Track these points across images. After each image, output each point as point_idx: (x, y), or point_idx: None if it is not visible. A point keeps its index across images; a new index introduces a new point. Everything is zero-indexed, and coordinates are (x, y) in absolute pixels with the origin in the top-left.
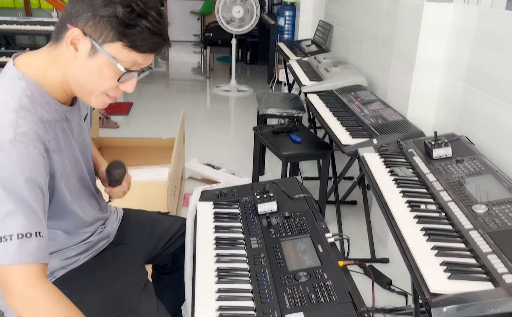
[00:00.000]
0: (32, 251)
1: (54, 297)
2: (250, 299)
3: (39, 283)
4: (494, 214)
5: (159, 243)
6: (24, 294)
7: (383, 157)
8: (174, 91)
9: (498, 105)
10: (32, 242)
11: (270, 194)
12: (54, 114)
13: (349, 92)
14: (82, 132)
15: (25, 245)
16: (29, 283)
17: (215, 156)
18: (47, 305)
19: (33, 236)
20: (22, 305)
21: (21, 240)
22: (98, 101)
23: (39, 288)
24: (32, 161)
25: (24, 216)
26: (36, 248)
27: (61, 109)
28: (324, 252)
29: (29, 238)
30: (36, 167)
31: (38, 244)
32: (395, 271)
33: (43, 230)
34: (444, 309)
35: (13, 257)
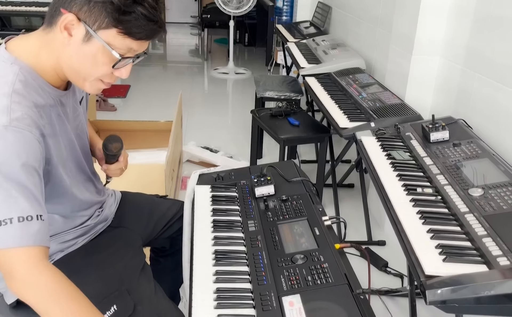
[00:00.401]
0: (33, 234)
1: (57, 279)
2: (248, 281)
3: (42, 266)
4: (490, 197)
5: (157, 226)
6: (26, 277)
7: (380, 141)
8: (171, 73)
9: (496, 88)
10: (33, 225)
11: (268, 178)
12: (48, 98)
13: (347, 75)
14: (77, 116)
15: (26, 228)
16: (32, 266)
17: (213, 139)
18: (50, 288)
19: (34, 219)
20: (25, 288)
21: (22, 223)
22: (92, 87)
23: (42, 271)
24: (28, 146)
25: (24, 199)
26: (37, 231)
27: (55, 94)
28: (321, 235)
29: (30, 221)
30: (32, 152)
31: (39, 227)
32: (391, 253)
33: (44, 214)
34: (438, 291)
35: (14, 240)
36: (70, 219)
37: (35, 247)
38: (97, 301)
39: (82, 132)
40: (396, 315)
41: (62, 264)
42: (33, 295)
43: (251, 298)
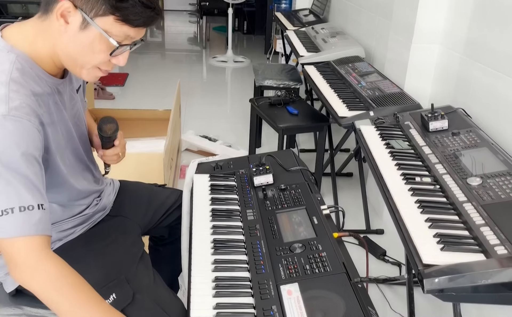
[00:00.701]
0: (35, 223)
1: (60, 267)
2: (246, 270)
3: (45, 255)
4: (488, 186)
5: (156, 214)
6: (31, 266)
7: (379, 130)
8: (170, 61)
9: (496, 77)
10: (35, 215)
11: (266, 167)
12: (46, 87)
13: (346, 63)
14: (75, 104)
15: (28, 218)
16: (35, 255)
17: (212, 128)
18: (55, 276)
19: (36, 209)
20: (29, 277)
21: (23, 213)
22: (89, 75)
23: (45, 260)
24: (27, 135)
25: (24, 189)
26: (39, 220)
27: (53, 82)
28: (319, 224)
29: (31, 211)
30: (31, 141)
31: (40, 216)
32: (389, 242)
33: (45, 203)
34: (436, 279)
35: (16, 230)
36: (68, 208)
37: (38, 236)
38: (96, 290)
39: (80, 120)
40: (393, 303)
41: (60, 253)
42: (38, 283)
43: (250, 287)
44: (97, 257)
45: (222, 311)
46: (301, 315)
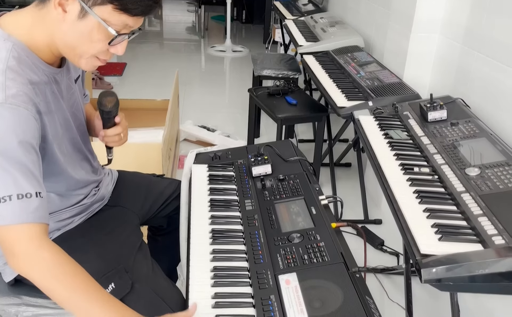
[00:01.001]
0: (32, 211)
1: (59, 256)
2: (244, 260)
3: (43, 243)
4: (486, 177)
5: (154, 204)
6: (29, 254)
7: (378, 120)
8: (168, 51)
9: (495, 67)
10: (33, 203)
11: (265, 157)
12: (43, 75)
13: (345, 53)
14: (72, 94)
15: (26, 205)
16: (34, 243)
17: (210, 118)
18: (53, 264)
19: (33, 197)
20: (27, 265)
21: (21, 201)
22: (88, 64)
23: (44, 248)
24: (24, 123)
25: (22, 177)
26: (37, 208)
27: (49, 71)
28: (318, 214)
29: (29, 199)
30: (29, 129)
31: (38, 204)
32: (387, 232)
33: (43, 191)
34: (433, 269)
35: (14, 218)
36: (66, 197)
37: (36, 224)
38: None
39: (78, 111)
40: (391, 292)
41: (59, 242)
42: (36, 271)
43: (248, 277)
44: (95, 247)
45: (221, 301)
46: (299, 304)
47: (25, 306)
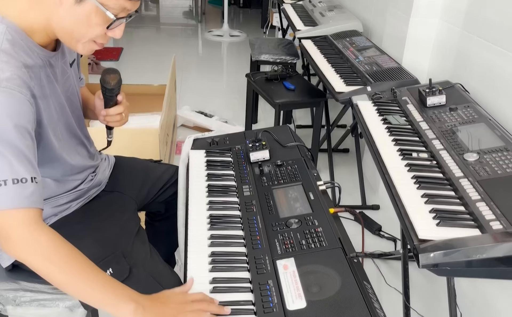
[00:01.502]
0: (28, 196)
1: (56, 239)
2: (242, 245)
3: (40, 227)
4: (485, 162)
5: (152, 190)
6: (25, 239)
7: (376, 105)
8: (165, 36)
9: (495, 52)
10: (28, 187)
11: (263, 142)
12: (37, 59)
13: (344, 37)
14: (68, 78)
15: (21, 190)
16: (30, 228)
17: (207, 104)
18: (50, 248)
19: (29, 182)
20: (24, 250)
21: (16, 185)
22: (85, 48)
23: (40, 232)
24: (19, 107)
25: (17, 162)
26: (32, 193)
27: (44, 54)
28: (315, 199)
29: (24, 183)
30: (24, 113)
31: (33, 189)
32: (385, 217)
33: (38, 176)
34: (431, 254)
35: (10, 202)
36: (62, 183)
37: (31, 209)
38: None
39: (73, 95)
40: (388, 278)
41: (56, 228)
42: (34, 256)
43: (246, 262)
44: (93, 232)
45: (219, 286)
46: (297, 289)
47: (23, 291)
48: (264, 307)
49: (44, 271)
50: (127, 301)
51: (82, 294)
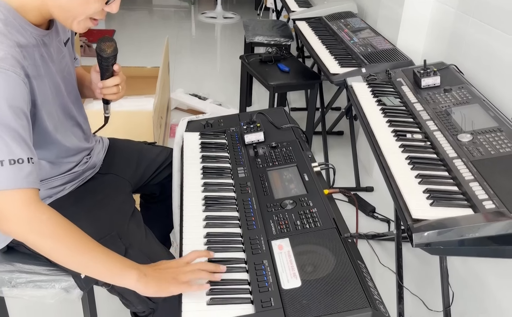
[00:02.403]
0: (25, 176)
1: (56, 217)
2: (237, 226)
3: (40, 206)
4: (478, 142)
5: (146, 172)
6: (26, 218)
7: (371, 87)
8: (157, 18)
9: (489, 32)
10: (25, 168)
11: (257, 124)
12: (31, 38)
13: (338, 19)
14: (63, 57)
15: (18, 171)
16: (30, 207)
17: (202, 87)
18: (51, 225)
19: (25, 162)
20: (26, 229)
21: (13, 166)
22: (80, 26)
23: (41, 211)
24: (13, 87)
25: (13, 142)
26: (29, 173)
27: (38, 33)
28: (310, 180)
29: (21, 164)
30: (18, 94)
31: (30, 169)
32: (379, 199)
33: (34, 156)
34: (425, 233)
35: (8, 183)
36: (57, 165)
37: (30, 189)
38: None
39: (69, 75)
40: (382, 257)
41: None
42: (36, 235)
43: (241, 242)
44: (88, 213)
45: None
46: (292, 269)
47: (19, 272)
48: (259, 287)
49: (48, 249)
50: (129, 270)
51: (86, 268)
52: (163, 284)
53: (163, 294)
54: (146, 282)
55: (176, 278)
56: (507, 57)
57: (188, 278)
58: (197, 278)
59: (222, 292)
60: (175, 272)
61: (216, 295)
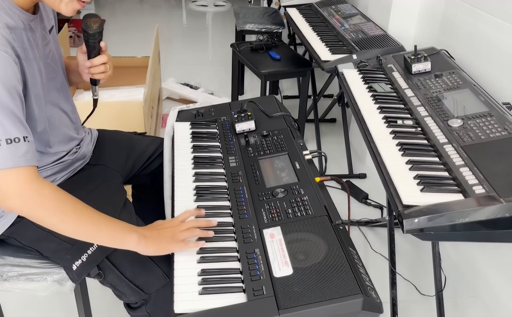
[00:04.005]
0: (23, 154)
1: (58, 191)
2: (229, 215)
3: (41, 182)
4: (469, 127)
5: (137, 162)
6: (30, 194)
7: (362, 73)
8: (148, 6)
9: (480, 17)
10: (22, 147)
11: (248, 113)
12: (18, 21)
13: (329, 5)
14: (47, 44)
15: (15, 150)
16: (32, 184)
17: (193, 76)
18: (56, 199)
19: (22, 141)
20: (29, 204)
21: (10, 145)
22: (68, 8)
23: (43, 186)
24: (6, 67)
25: (9, 122)
26: (26, 151)
27: (25, 17)
28: (301, 168)
29: (17, 143)
30: (11, 73)
31: (27, 148)
32: (372, 185)
33: (29, 135)
34: (415, 219)
35: (7, 162)
36: (45, 155)
37: (29, 167)
38: None
39: (54, 62)
40: (375, 244)
41: None
42: (41, 208)
43: (233, 231)
44: None
45: (206, 255)
46: (284, 257)
47: (10, 266)
48: (251, 275)
49: (54, 221)
50: (130, 233)
51: (90, 236)
52: (161, 243)
53: (162, 252)
54: (146, 243)
55: (173, 237)
56: (498, 42)
57: (185, 236)
58: (192, 236)
59: (214, 282)
60: (172, 231)
61: (208, 284)
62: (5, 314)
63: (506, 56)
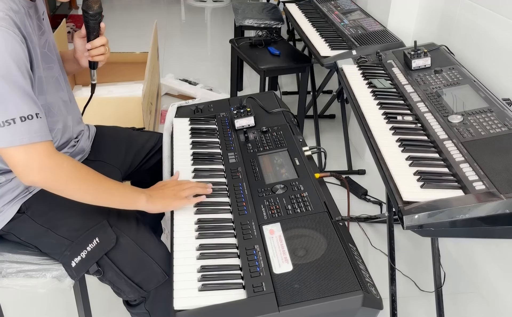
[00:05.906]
0: (37, 130)
1: (73, 162)
2: (229, 212)
3: (57, 155)
4: (469, 123)
5: (136, 158)
6: (49, 167)
7: (361, 69)
8: (146, 2)
9: (480, 12)
10: (35, 123)
11: (247, 109)
12: (20, 6)
13: (328, 0)
14: (42, 33)
15: (29, 126)
16: (50, 157)
17: (192, 72)
18: (74, 170)
19: (34, 118)
20: (50, 177)
21: (24, 123)
22: None
23: (60, 158)
24: (15, 46)
25: (22, 99)
26: (40, 127)
27: (25, 4)
28: (301, 165)
29: (31, 120)
30: (21, 52)
31: (40, 124)
32: (371, 182)
33: (41, 112)
34: (415, 216)
35: (23, 138)
36: None
37: (44, 142)
38: (79, 234)
39: (51, 52)
40: (374, 240)
41: (42, 197)
42: (63, 178)
43: (232, 228)
44: (78, 202)
45: (206, 252)
46: (283, 253)
47: (9, 262)
48: (251, 272)
49: (73, 191)
50: (140, 195)
51: (106, 201)
52: (167, 200)
53: (168, 209)
54: (153, 202)
55: (176, 194)
56: (498, 38)
57: (187, 193)
58: (194, 193)
59: (213, 278)
60: (175, 189)
61: (208, 281)
62: (5, 313)
63: (506, 52)
